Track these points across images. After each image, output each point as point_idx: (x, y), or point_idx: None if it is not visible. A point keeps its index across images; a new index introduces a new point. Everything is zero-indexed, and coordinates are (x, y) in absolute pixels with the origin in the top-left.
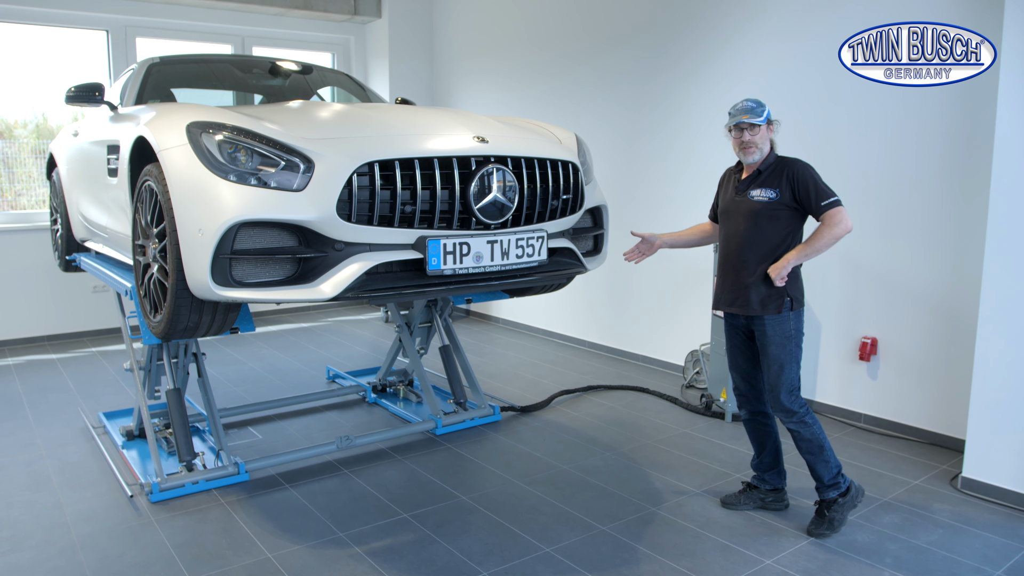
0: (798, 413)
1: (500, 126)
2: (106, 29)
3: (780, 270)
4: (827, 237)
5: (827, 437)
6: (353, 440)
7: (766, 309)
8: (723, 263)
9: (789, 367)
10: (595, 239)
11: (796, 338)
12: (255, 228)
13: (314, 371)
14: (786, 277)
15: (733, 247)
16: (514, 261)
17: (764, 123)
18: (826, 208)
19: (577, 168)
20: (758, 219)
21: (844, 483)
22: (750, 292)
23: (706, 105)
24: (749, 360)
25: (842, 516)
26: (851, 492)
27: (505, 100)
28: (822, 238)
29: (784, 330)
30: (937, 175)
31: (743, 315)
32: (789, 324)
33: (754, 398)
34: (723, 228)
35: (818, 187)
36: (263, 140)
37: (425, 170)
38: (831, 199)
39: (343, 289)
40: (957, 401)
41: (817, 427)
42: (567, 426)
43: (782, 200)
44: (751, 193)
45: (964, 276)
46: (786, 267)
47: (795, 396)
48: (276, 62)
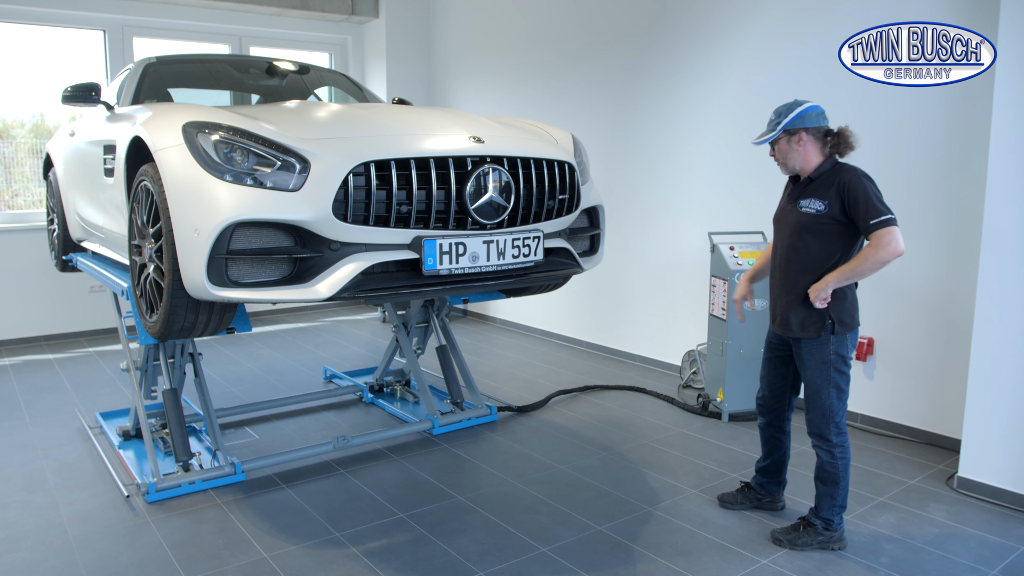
0: (830, 442)
1: (496, 126)
2: (103, 29)
3: (819, 291)
4: (871, 260)
5: (849, 476)
6: (350, 440)
7: (805, 331)
8: (771, 278)
9: (827, 393)
10: (591, 239)
11: (836, 363)
12: (251, 228)
13: (311, 371)
14: (828, 299)
15: (778, 261)
16: (510, 261)
17: (781, 135)
18: (875, 227)
19: (573, 168)
20: (803, 232)
21: (838, 524)
22: (790, 312)
23: (702, 103)
24: (780, 376)
25: (810, 543)
26: (835, 536)
27: (502, 100)
28: (866, 260)
29: (822, 355)
30: (934, 175)
31: (783, 335)
32: (828, 349)
33: (775, 410)
34: (774, 239)
35: (869, 201)
36: (259, 140)
37: (421, 170)
38: (883, 217)
39: (339, 289)
40: (953, 401)
41: (843, 464)
42: (564, 426)
43: (830, 213)
44: (800, 203)
45: (960, 276)
46: (826, 288)
47: (832, 425)
48: (273, 62)
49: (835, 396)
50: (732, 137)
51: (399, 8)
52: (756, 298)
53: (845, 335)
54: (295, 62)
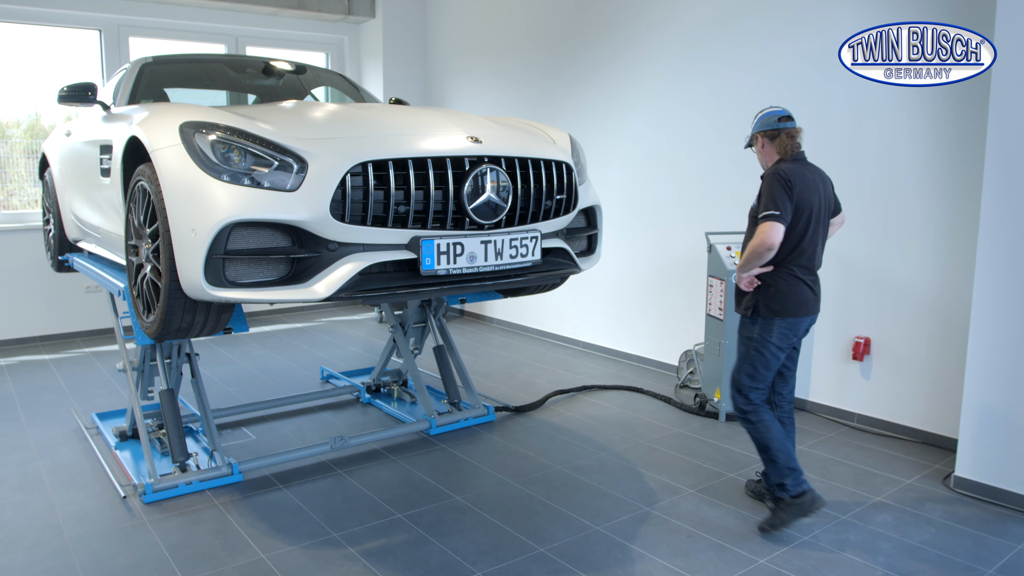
0: (742, 411)
1: (494, 126)
2: (99, 28)
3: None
4: (748, 248)
5: (776, 440)
6: (347, 440)
7: (738, 309)
8: None
9: (741, 367)
10: (589, 239)
11: (757, 344)
12: (249, 228)
13: (308, 371)
14: (747, 283)
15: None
16: (508, 261)
17: (755, 139)
18: (760, 220)
19: (571, 168)
20: (749, 224)
21: (797, 487)
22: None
23: (701, 103)
24: None
25: (785, 518)
26: (804, 498)
27: (499, 100)
28: (746, 249)
29: (747, 332)
30: (930, 174)
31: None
32: (753, 329)
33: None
34: None
35: (767, 199)
36: (256, 140)
37: (419, 170)
38: (767, 212)
39: (337, 289)
40: (949, 400)
41: (762, 428)
42: (561, 426)
43: (756, 208)
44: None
45: (957, 276)
46: (737, 272)
47: (740, 396)
48: (270, 62)
49: (747, 373)
50: (730, 137)
51: (396, 8)
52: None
53: (772, 321)
54: (292, 62)
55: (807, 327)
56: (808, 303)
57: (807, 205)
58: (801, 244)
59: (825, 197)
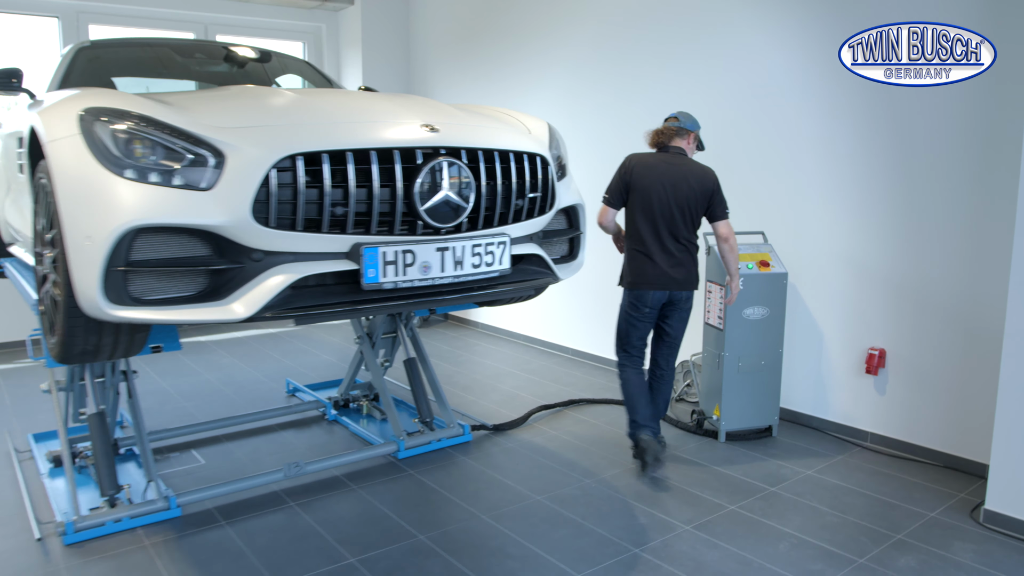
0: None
1: (458, 114)
2: (57, 16)
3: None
4: None
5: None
6: (302, 467)
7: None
8: None
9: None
10: (571, 242)
11: (620, 309)
12: (158, 235)
13: (275, 383)
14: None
15: None
16: (470, 272)
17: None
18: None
19: (547, 162)
20: None
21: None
22: None
23: (697, 93)
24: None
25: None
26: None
27: (485, 89)
28: None
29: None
30: (953, 173)
31: None
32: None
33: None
34: None
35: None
36: (168, 130)
37: (360, 164)
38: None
39: (260, 307)
40: (976, 421)
41: (621, 382)
42: (543, 447)
43: None
44: None
45: (985, 281)
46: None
47: (616, 352)
48: (230, 47)
49: (617, 334)
50: (733, 129)
51: None
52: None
53: (625, 291)
54: (255, 48)
55: (665, 300)
56: (648, 277)
57: (643, 189)
58: (636, 223)
59: (675, 187)
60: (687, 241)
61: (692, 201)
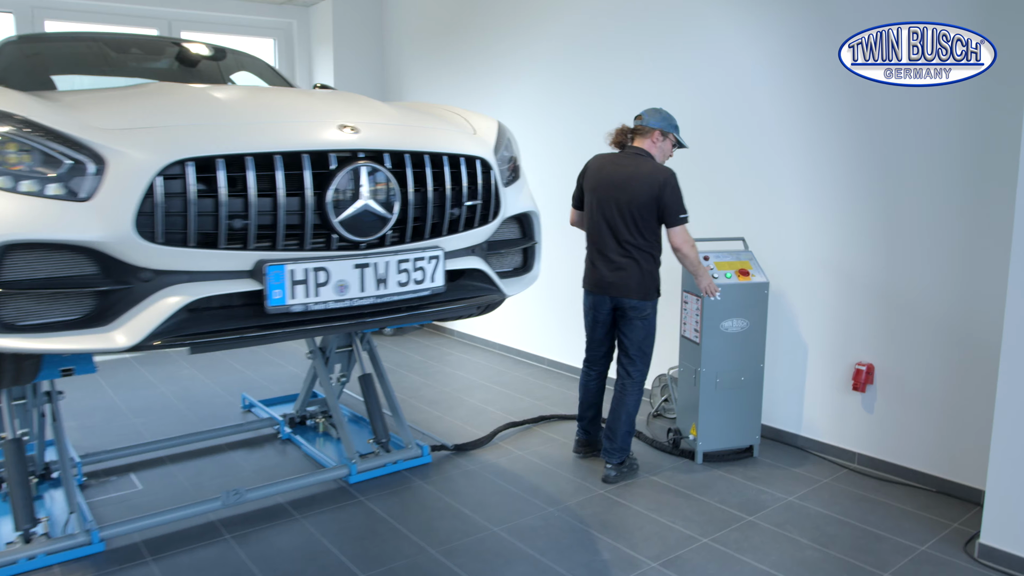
0: None
1: (390, 113)
2: (11, 11)
3: None
4: None
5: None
6: (242, 495)
7: None
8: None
9: None
10: (524, 253)
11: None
12: (32, 251)
13: (234, 397)
14: None
15: None
16: (396, 291)
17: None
18: None
19: (489, 166)
20: None
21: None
22: None
23: (678, 91)
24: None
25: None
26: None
27: (463, 86)
28: None
29: None
30: (946, 175)
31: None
32: None
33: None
34: None
35: None
36: (44, 132)
37: (264, 170)
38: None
39: (147, 334)
40: (970, 443)
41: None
42: (507, 470)
43: None
44: None
45: (980, 293)
46: None
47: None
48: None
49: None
50: (713, 127)
51: None
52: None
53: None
54: (210, 44)
55: (613, 306)
56: (589, 280)
57: (590, 191)
58: (589, 225)
59: (620, 190)
60: (631, 246)
61: (636, 205)
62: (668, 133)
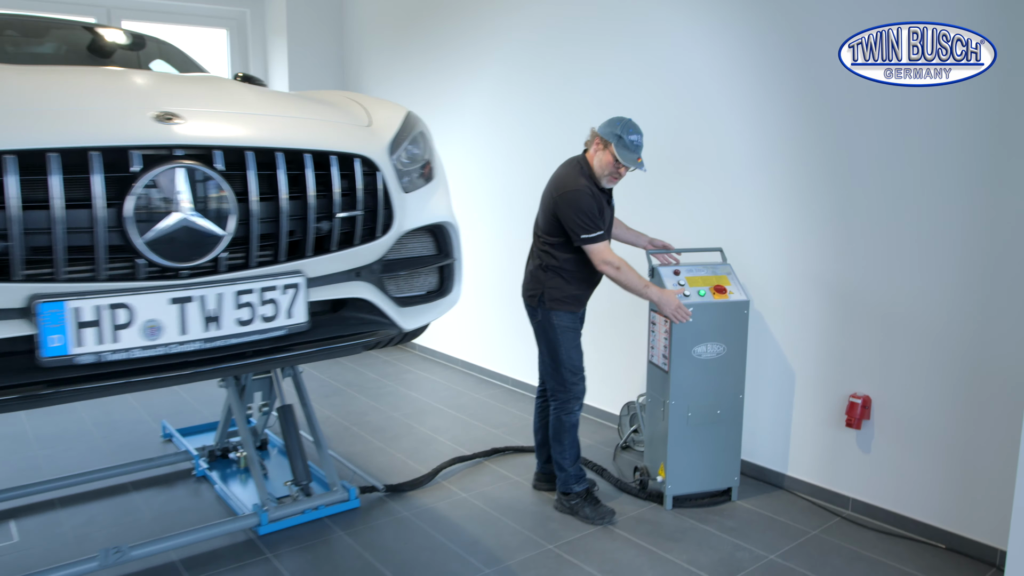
0: None
1: (247, 99)
2: None
3: None
4: None
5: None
6: (125, 553)
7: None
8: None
9: None
10: (440, 273)
11: None
12: None
13: (155, 424)
14: None
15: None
16: (234, 331)
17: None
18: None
19: (374, 166)
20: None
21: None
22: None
23: (652, 83)
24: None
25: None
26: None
27: (425, 80)
28: None
29: None
30: (955, 179)
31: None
32: None
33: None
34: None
35: None
36: None
37: (32, 174)
38: None
39: None
40: (985, 490)
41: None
42: (445, 518)
43: None
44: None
45: (996, 313)
46: None
47: None
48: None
49: None
50: (692, 123)
51: None
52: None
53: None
54: (128, 31)
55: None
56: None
57: None
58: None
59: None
60: (539, 253)
61: (541, 213)
62: (609, 143)
